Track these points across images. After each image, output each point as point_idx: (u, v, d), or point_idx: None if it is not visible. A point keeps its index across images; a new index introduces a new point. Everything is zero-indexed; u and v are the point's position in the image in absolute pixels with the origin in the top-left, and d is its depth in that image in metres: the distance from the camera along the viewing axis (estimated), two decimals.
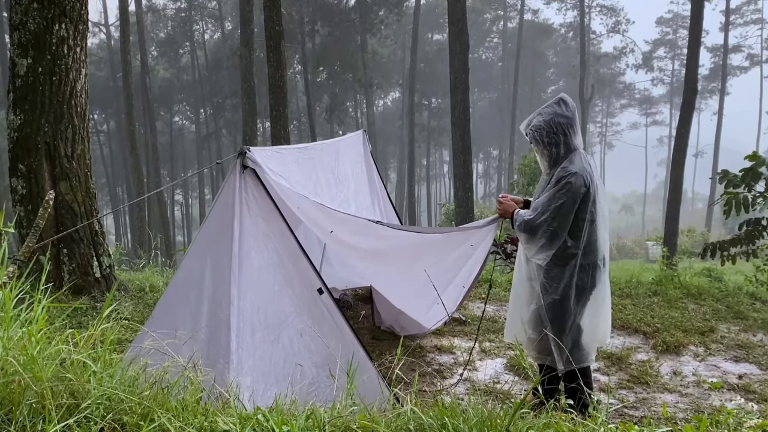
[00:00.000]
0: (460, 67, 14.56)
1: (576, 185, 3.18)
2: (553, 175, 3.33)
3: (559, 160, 3.32)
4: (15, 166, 5.36)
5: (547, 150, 3.33)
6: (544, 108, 3.38)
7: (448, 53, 15.42)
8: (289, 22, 30.88)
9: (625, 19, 50.70)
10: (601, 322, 3.44)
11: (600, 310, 3.41)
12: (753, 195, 6.85)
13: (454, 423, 1.99)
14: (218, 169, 38.02)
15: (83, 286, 5.47)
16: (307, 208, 3.80)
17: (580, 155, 3.31)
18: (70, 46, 5.39)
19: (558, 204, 3.20)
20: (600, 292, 3.37)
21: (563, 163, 3.29)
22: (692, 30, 16.31)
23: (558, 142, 3.28)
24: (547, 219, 3.23)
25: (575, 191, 3.18)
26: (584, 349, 3.36)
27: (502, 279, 7.38)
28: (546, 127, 3.29)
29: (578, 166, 3.23)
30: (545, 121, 3.30)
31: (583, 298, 3.32)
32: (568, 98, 3.38)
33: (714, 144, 44.20)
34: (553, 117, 3.29)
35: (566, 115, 3.29)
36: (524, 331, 3.51)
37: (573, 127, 3.30)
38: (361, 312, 5.74)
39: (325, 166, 4.66)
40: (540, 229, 3.26)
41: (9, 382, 1.95)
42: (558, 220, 3.21)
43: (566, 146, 3.29)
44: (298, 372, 3.22)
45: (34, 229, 2.91)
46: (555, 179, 3.27)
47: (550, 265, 3.30)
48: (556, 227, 3.22)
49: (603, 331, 3.47)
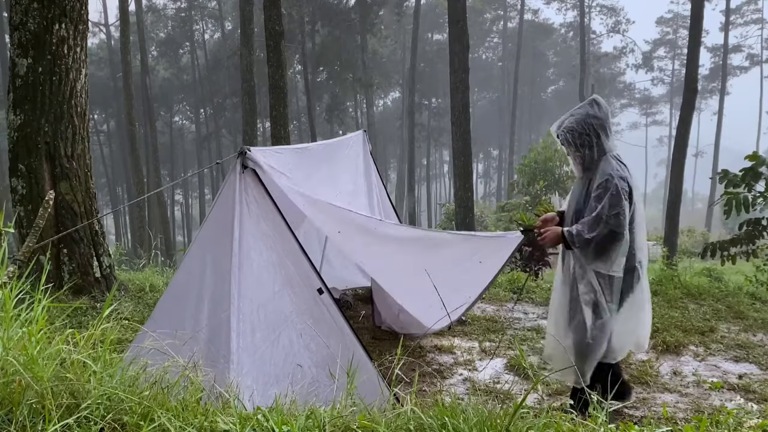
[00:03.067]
0: (460, 67, 14.55)
1: (622, 187, 3.10)
2: (590, 180, 3.23)
3: (592, 163, 3.23)
4: (15, 166, 5.36)
5: (580, 152, 3.24)
6: (576, 109, 3.30)
7: (448, 53, 15.41)
8: (289, 22, 30.86)
9: (625, 19, 50.80)
10: (637, 326, 3.35)
11: (638, 315, 3.32)
12: (753, 195, 6.84)
13: (454, 423, 1.99)
14: (218, 169, 38.00)
15: (83, 286, 5.47)
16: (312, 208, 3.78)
17: (615, 158, 3.22)
18: (70, 46, 5.39)
19: (616, 212, 3.07)
20: (638, 297, 3.29)
21: (600, 167, 3.19)
22: (692, 30, 16.30)
23: (591, 144, 3.20)
24: (611, 230, 3.08)
25: (623, 194, 3.09)
26: (612, 352, 3.30)
27: (502, 279, 7.37)
28: (578, 128, 3.20)
29: (616, 169, 3.15)
30: (577, 122, 3.21)
31: (621, 302, 3.24)
32: (601, 99, 3.29)
33: (714, 144, 44.21)
34: (585, 118, 3.20)
35: (599, 116, 3.20)
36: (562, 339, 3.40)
37: (606, 128, 3.21)
38: (361, 312, 5.74)
39: (325, 166, 4.66)
40: (608, 242, 3.11)
41: (9, 382, 1.95)
42: (621, 226, 3.08)
43: (599, 148, 3.20)
44: (298, 372, 3.22)
45: (34, 229, 2.91)
46: (598, 185, 3.15)
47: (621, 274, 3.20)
48: (620, 233, 3.09)
49: (639, 336, 3.39)
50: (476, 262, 3.98)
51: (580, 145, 3.22)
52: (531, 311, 6.11)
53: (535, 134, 57.14)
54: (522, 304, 6.45)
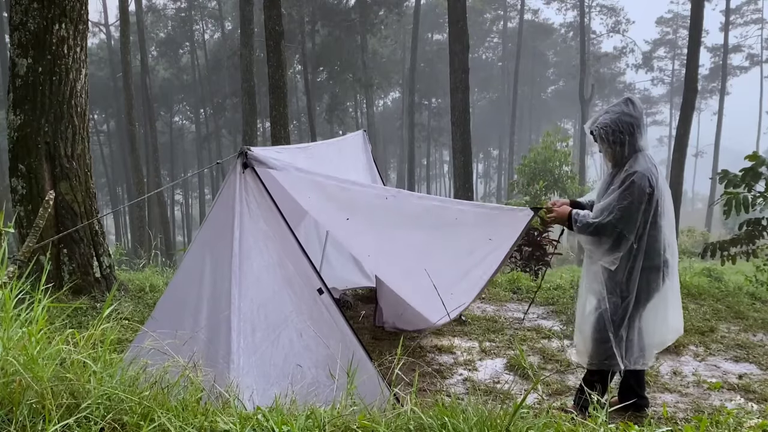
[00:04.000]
0: (460, 67, 14.55)
1: (641, 185, 3.16)
2: (615, 175, 3.32)
3: (623, 160, 3.30)
4: (15, 166, 5.36)
5: (612, 149, 3.32)
6: (611, 107, 3.38)
7: (448, 53, 15.41)
8: (289, 22, 30.86)
9: (625, 19, 50.75)
10: (662, 325, 3.39)
11: (665, 313, 3.37)
12: (753, 195, 6.85)
13: (454, 423, 1.99)
14: (218, 169, 38.01)
15: (83, 286, 5.47)
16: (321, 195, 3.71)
17: (646, 156, 3.30)
18: (70, 46, 5.39)
19: (624, 205, 3.17)
20: (664, 296, 3.33)
21: (628, 164, 3.27)
22: (692, 30, 16.31)
23: (623, 142, 3.27)
24: (612, 220, 3.19)
25: (641, 191, 3.16)
26: (641, 352, 3.33)
27: (501, 279, 7.37)
28: (612, 125, 3.28)
29: (643, 167, 3.22)
30: (612, 119, 3.29)
31: (646, 301, 3.30)
32: (636, 99, 3.38)
33: (714, 144, 44.20)
34: (620, 116, 3.28)
35: (633, 115, 3.28)
36: (581, 336, 3.47)
37: (639, 128, 3.29)
38: (361, 312, 5.74)
39: (325, 166, 4.65)
40: (606, 231, 3.22)
41: (9, 382, 1.95)
42: (624, 221, 3.17)
43: (631, 146, 3.28)
44: (298, 372, 3.21)
45: (34, 229, 2.91)
46: (620, 180, 3.25)
47: (614, 268, 3.27)
48: (622, 228, 3.18)
49: (663, 334, 3.43)
50: (486, 240, 3.91)
51: (613, 142, 3.30)
52: (531, 311, 6.10)
53: (535, 134, 57.12)
54: (522, 304, 6.45)
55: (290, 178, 3.56)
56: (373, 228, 4.04)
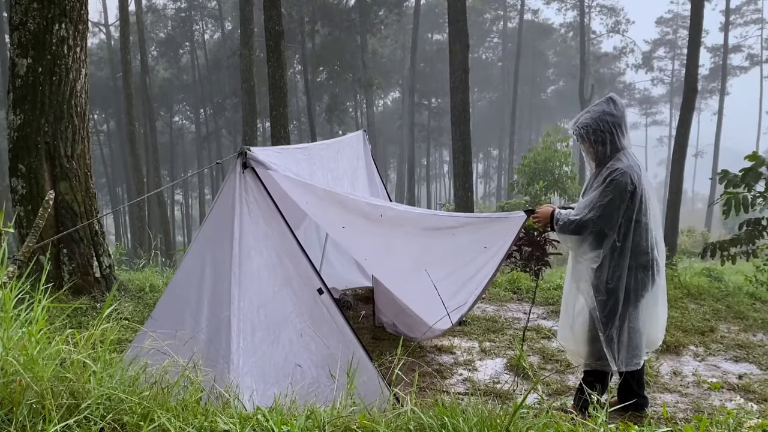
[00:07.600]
0: (460, 67, 14.53)
1: (622, 183, 3.17)
2: (599, 174, 3.32)
3: (605, 159, 3.30)
4: (15, 166, 5.36)
5: (593, 148, 3.32)
6: (592, 106, 3.38)
7: (448, 53, 15.39)
8: (289, 22, 30.86)
9: (625, 19, 50.67)
10: (654, 325, 3.42)
11: (656, 312, 3.39)
12: (753, 195, 6.85)
13: (454, 423, 1.99)
14: (218, 169, 38.01)
15: (83, 286, 5.47)
16: (317, 201, 3.73)
17: (628, 154, 3.29)
18: (70, 46, 5.39)
19: (604, 202, 3.18)
20: (654, 295, 3.35)
21: (610, 162, 3.27)
22: (692, 30, 16.29)
23: (604, 141, 3.27)
24: (593, 217, 3.20)
25: (622, 189, 3.17)
26: (633, 352, 3.34)
27: (501, 279, 7.37)
28: (593, 125, 3.28)
29: (625, 164, 3.22)
30: (593, 119, 3.29)
31: (636, 301, 3.30)
32: (618, 98, 3.37)
33: (714, 144, 44.18)
34: (601, 115, 3.28)
35: (614, 114, 3.28)
36: (572, 336, 3.48)
37: (621, 126, 3.29)
38: (361, 312, 5.74)
39: (325, 166, 4.65)
40: (587, 228, 3.23)
41: (9, 382, 1.95)
42: (605, 218, 3.18)
43: (613, 145, 3.28)
44: (298, 372, 3.22)
45: (34, 229, 2.91)
46: (602, 178, 3.25)
47: (599, 266, 3.27)
48: (602, 225, 3.19)
49: (655, 334, 3.46)
50: (481, 249, 3.93)
51: (594, 141, 3.30)
52: (532, 311, 6.10)
53: (535, 134, 57.10)
54: (523, 304, 6.45)
55: (288, 183, 3.57)
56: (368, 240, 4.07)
